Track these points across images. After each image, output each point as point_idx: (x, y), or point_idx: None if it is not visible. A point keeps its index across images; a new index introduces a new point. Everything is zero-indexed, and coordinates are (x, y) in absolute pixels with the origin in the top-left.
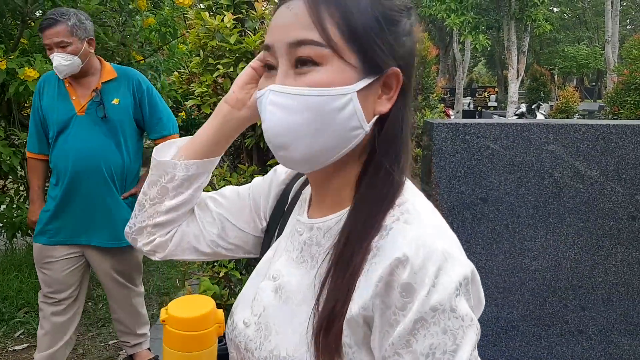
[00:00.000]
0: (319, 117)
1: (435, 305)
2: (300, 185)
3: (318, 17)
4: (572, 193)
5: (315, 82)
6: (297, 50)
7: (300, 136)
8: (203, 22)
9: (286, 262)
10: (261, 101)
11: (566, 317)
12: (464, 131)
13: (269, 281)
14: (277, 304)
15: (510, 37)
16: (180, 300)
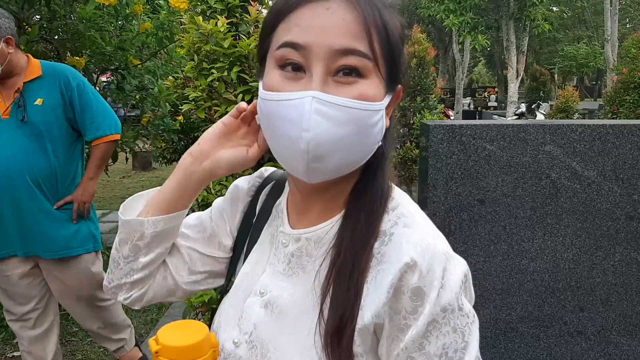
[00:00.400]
0: (359, 131)
1: (445, 305)
2: (266, 196)
3: (367, 27)
4: (570, 194)
5: (362, 94)
6: (343, 58)
7: (339, 149)
8: (197, 27)
9: (272, 276)
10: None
11: (565, 318)
12: (460, 132)
13: (255, 297)
14: (269, 319)
15: (509, 37)
16: (169, 328)
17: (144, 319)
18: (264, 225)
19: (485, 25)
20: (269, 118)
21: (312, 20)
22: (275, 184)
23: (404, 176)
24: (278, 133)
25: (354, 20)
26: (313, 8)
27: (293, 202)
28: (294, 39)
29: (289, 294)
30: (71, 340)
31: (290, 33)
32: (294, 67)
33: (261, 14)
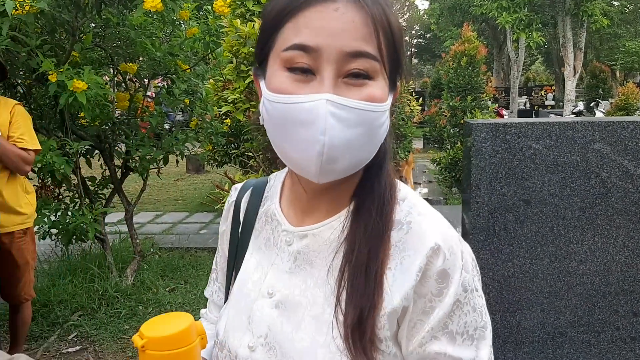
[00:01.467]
0: (369, 132)
1: (465, 286)
2: (247, 204)
3: (376, 29)
4: (621, 193)
5: (372, 96)
6: (353, 60)
7: (350, 149)
8: (235, 30)
9: (278, 276)
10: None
11: (617, 323)
12: (504, 131)
13: (264, 299)
14: (283, 318)
15: (565, 34)
16: (152, 321)
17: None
18: (251, 232)
19: (541, 22)
20: (279, 121)
21: (322, 22)
22: (253, 192)
23: (454, 177)
24: (290, 137)
25: (363, 21)
26: (321, 9)
27: (295, 201)
28: (305, 41)
29: (300, 290)
30: (122, 337)
31: (300, 35)
32: (303, 69)
33: None
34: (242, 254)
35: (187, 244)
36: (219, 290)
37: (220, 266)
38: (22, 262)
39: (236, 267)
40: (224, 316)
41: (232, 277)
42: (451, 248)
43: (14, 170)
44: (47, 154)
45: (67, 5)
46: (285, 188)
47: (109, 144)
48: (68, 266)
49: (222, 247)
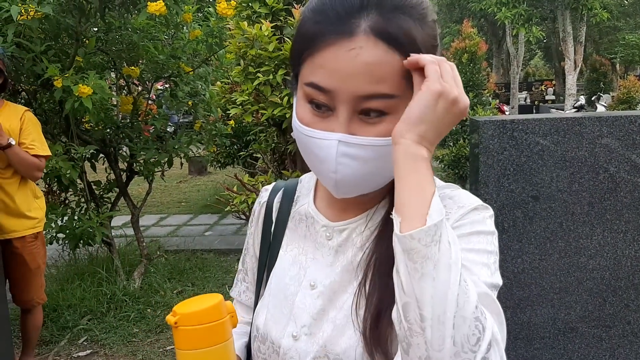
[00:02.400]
0: (384, 164)
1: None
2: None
3: (392, 67)
4: (630, 188)
5: (386, 131)
6: (367, 102)
7: (365, 181)
8: (242, 32)
9: (320, 269)
10: (325, 149)
11: (628, 318)
12: (512, 128)
13: (306, 291)
14: (326, 308)
15: (565, 28)
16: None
17: None
18: (284, 230)
19: (541, 16)
20: (302, 146)
21: (336, 64)
22: (285, 192)
23: (457, 174)
24: (311, 162)
25: (378, 61)
26: (336, 49)
27: (332, 199)
28: (320, 82)
29: (341, 281)
30: (132, 340)
31: (316, 75)
32: (317, 105)
33: None
34: (276, 252)
35: (193, 246)
36: (247, 290)
37: (250, 266)
38: (34, 266)
39: (269, 265)
40: (262, 311)
41: (264, 275)
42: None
43: (26, 176)
44: (53, 159)
45: (71, 10)
46: (320, 187)
47: (113, 148)
48: (76, 270)
49: (253, 247)
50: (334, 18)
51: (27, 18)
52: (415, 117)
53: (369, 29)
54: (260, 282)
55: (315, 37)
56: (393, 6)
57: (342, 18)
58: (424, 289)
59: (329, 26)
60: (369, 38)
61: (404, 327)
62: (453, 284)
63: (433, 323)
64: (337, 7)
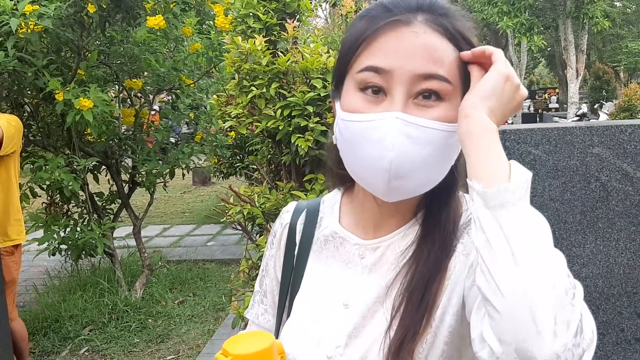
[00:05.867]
0: (440, 151)
1: None
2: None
3: (448, 55)
4: (622, 196)
5: (442, 116)
6: (424, 82)
7: (421, 167)
8: (237, 46)
9: (353, 288)
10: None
11: (622, 325)
12: (504, 138)
13: (339, 311)
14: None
15: (567, 36)
16: (234, 339)
17: (201, 330)
18: (309, 252)
19: (543, 25)
20: (351, 139)
21: (397, 44)
22: (307, 213)
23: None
24: (360, 154)
25: (437, 44)
26: (399, 31)
27: (363, 216)
28: (378, 63)
29: (373, 298)
30: (133, 350)
31: (374, 57)
32: (374, 90)
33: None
34: (300, 275)
35: (195, 256)
36: (265, 312)
37: (270, 289)
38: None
39: (292, 288)
40: (290, 334)
41: (286, 298)
42: None
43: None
44: (55, 171)
45: (71, 24)
46: (345, 206)
47: (115, 160)
48: (78, 281)
49: (274, 269)
50: (391, 11)
51: (27, 31)
52: (487, 91)
53: (425, 20)
54: (283, 305)
55: (375, 24)
56: (443, 11)
57: (399, 12)
58: (520, 242)
59: (388, 15)
60: (426, 26)
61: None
62: (546, 236)
63: (531, 277)
64: (393, 4)
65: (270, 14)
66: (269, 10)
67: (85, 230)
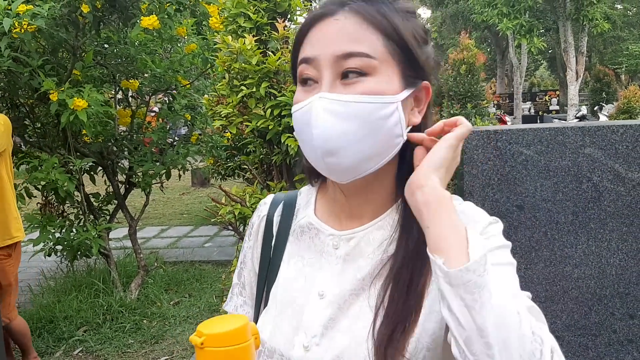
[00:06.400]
0: (368, 124)
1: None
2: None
3: (364, 31)
4: (613, 197)
5: (365, 90)
6: (345, 62)
7: (350, 142)
8: (227, 46)
9: (329, 278)
10: (308, 109)
11: (614, 326)
12: (496, 138)
13: (316, 301)
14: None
15: (567, 38)
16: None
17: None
18: (285, 244)
19: (544, 27)
20: (296, 130)
21: (320, 34)
22: (285, 205)
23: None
24: (302, 141)
25: (356, 25)
26: (324, 22)
27: (336, 207)
28: (307, 54)
29: (351, 289)
30: (127, 351)
31: (304, 50)
32: (309, 80)
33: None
34: (276, 266)
35: (192, 258)
36: (244, 304)
37: (248, 280)
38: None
39: (269, 279)
40: (267, 324)
41: (264, 289)
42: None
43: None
44: (50, 171)
45: (65, 24)
46: (320, 198)
47: (111, 161)
48: (73, 282)
49: (252, 261)
50: (321, 8)
51: (21, 31)
52: (437, 162)
53: (348, 9)
54: (260, 296)
55: (306, 25)
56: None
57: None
58: (486, 318)
59: (317, 13)
60: (348, 13)
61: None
62: (509, 305)
63: (500, 348)
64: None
65: (261, 14)
66: (260, 9)
67: (80, 231)
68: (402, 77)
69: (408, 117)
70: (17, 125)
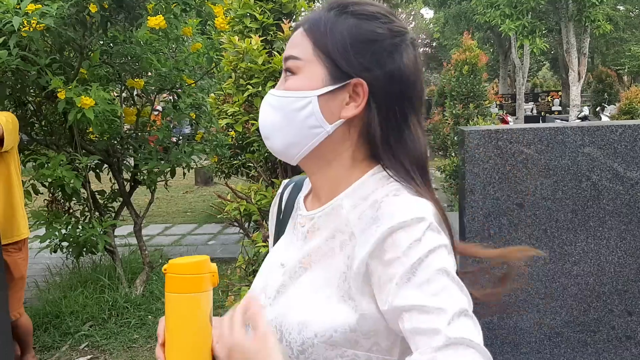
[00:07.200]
0: (286, 115)
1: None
2: (288, 195)
3: (301, 38)
4: (612, 195)
5: (289, 87)
6: (285, 63)
7: (275, 130)
8: (233, 46)
9: (292, 251)
10: None
11: (612, 323)
12: (497, 137)
13: (278, 269)
14: (286, 283)
15: (569, 39)
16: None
17: None
18: (289, 218)
19: (547, 28)
20: None
21: None
22: (295, 185)
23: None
24: None
25: (302, 35)
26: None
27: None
28: None
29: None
30: (132, 346)
31: None
32: None
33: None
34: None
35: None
36: None
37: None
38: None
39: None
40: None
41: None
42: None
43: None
44: (57, 168)
45: (73, 24)
46: None
47: (117, 158)
48: (79, 278)
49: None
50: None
51: (30, 30)
52: None
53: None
54: None
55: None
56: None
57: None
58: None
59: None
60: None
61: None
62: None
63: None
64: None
65: (267, 14)
66: (266, 10)
67: (86, 227)
68: (327, 76)
69: (339, 111)
70: (24, 123)
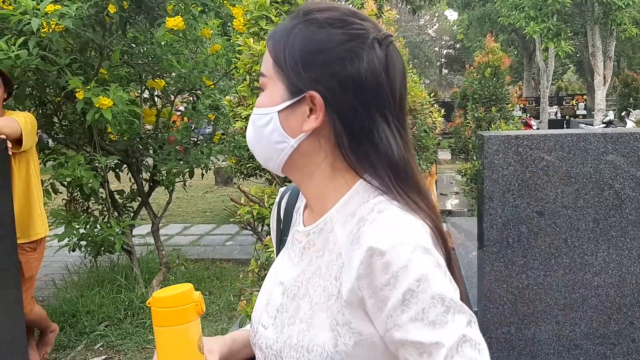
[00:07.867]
0: (255, 131)
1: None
2: (286, 203)
3: (267, 54)
4: (635, 204)
5: (257, 103)
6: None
7: (252, 145)
8: (248, 48)
9: (289, 268)
10: None
11: (633, 335)
12: (517, 143)
13: (277, 287)
14: (287, 304)
15: (594, 43)
16: (162, 290)
17: (214, 328)
18: (289, 228)
19: (572, 31)
20: None
21: None
22: (292, 192)
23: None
24: None
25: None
26: None
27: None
28: None
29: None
30: (147, 347)
31: None
32: None
33: None
34: (280, 248)
35: (213, 255)
36: None
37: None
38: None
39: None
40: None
41: None
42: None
43: None
44: (76, 168)
45: (92, 24)
46: None
47: (136, 159)
48: (96, 277)
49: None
50: None
51: (49, 31)
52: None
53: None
54: None
55: None
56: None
57: None
58: None
59: None
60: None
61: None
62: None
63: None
64: None
65: (283, 17)
66: (282, 12)
67: (104, 227)
68: (285, 91)
69: (299, 125)
70: (44, 122)
